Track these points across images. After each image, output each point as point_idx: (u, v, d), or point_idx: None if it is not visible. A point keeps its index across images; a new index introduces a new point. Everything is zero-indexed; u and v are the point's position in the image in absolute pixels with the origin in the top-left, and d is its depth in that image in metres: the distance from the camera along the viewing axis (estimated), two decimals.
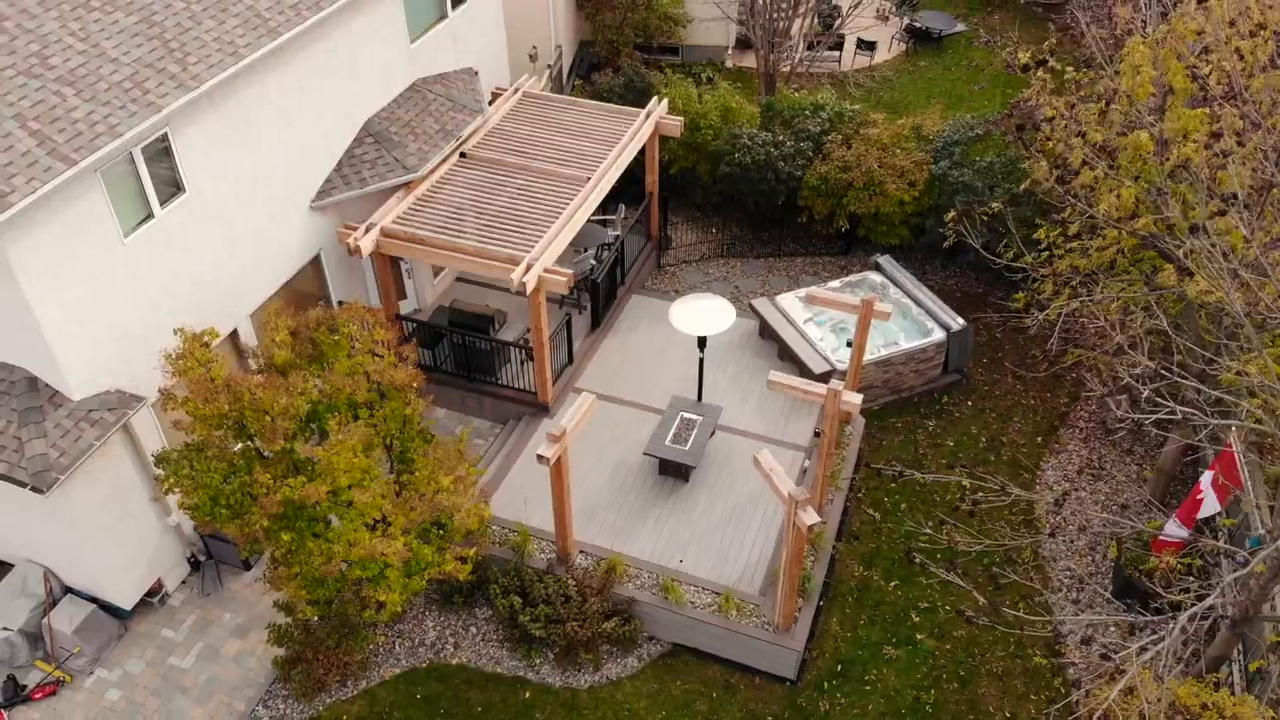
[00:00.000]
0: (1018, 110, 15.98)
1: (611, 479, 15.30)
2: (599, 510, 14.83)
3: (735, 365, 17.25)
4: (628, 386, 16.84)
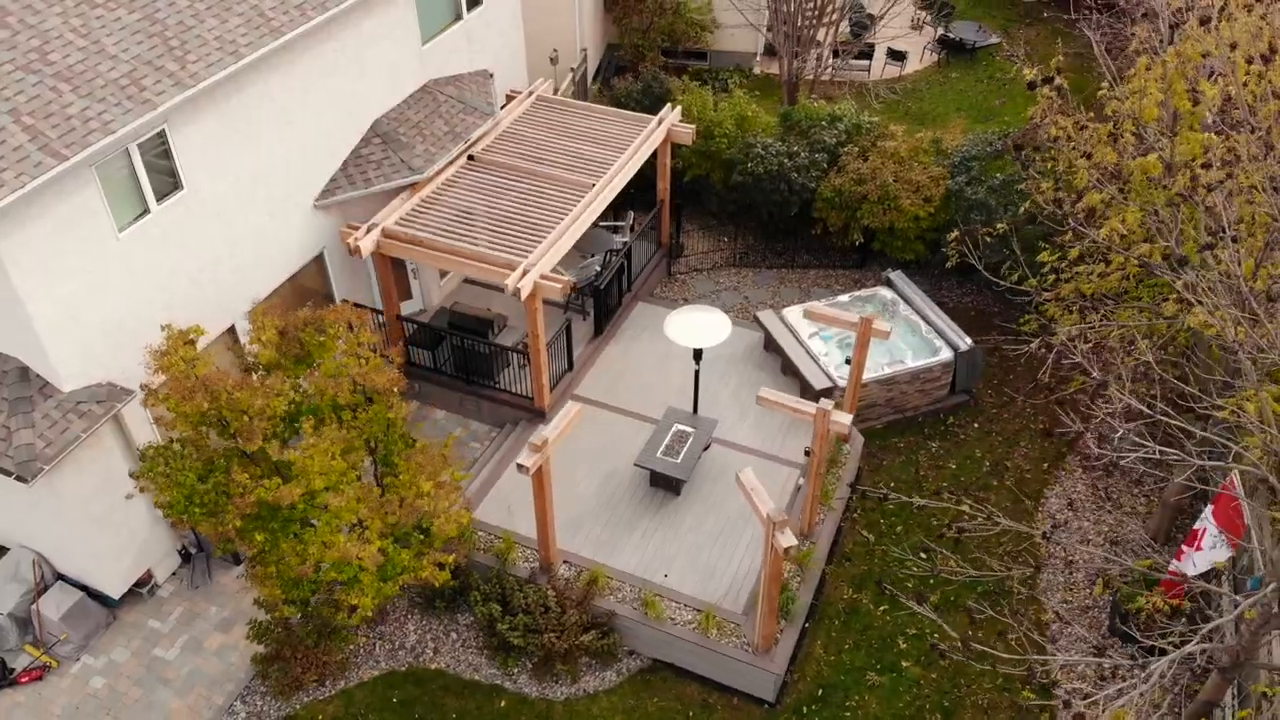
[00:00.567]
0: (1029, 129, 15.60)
1: (602, 489, 15.19)
2: (586, 520, 14.73)
3: (737, 378, 17.05)
4: (626, 395, 16.71)
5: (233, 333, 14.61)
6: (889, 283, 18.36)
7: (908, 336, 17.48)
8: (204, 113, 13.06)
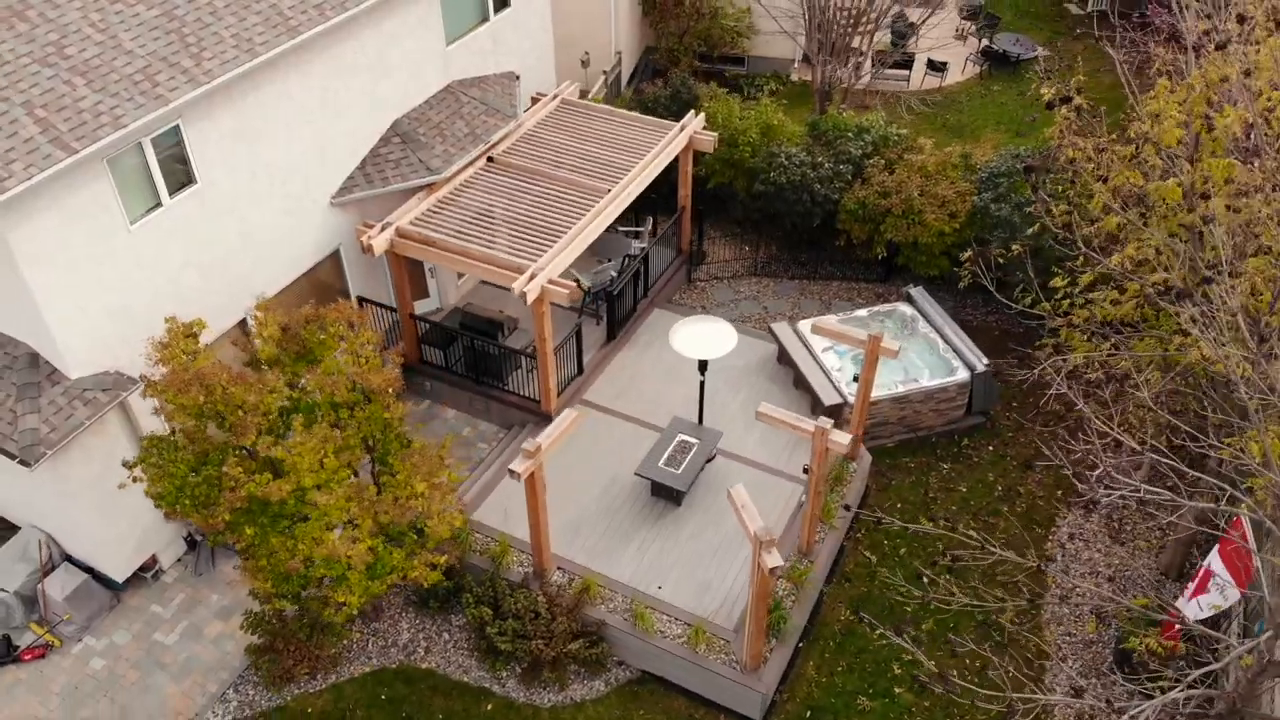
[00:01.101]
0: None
1: (602, 496, 15.13)
2: (585, 526, 14.68)
3: (748, 390, 16.88)
4: (635, 402, 16.63)
5: (243, 326, 14.80)
6: (909, 298, 18.05)
7: (925, 354, 17.18)
8: (219, 109, 13.24)
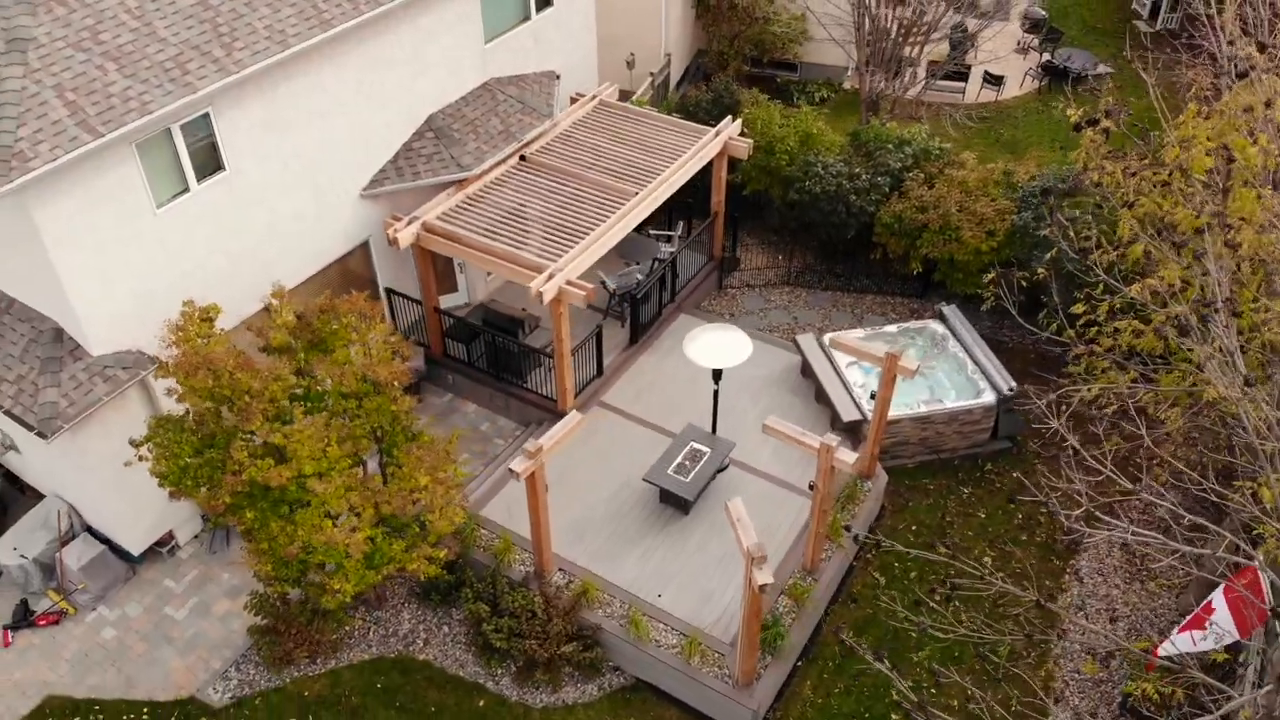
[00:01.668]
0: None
1: (611, 499, 15.07)
2: (590, 530, 14.64)
3: (768, 400, 16.67)
4: (653, 407, 16.55)
5: (268, 312, 15.04)
6: (941, 316, 17.66)
7: (953, 375, 16.80)
8: (250, 98, 13.48)
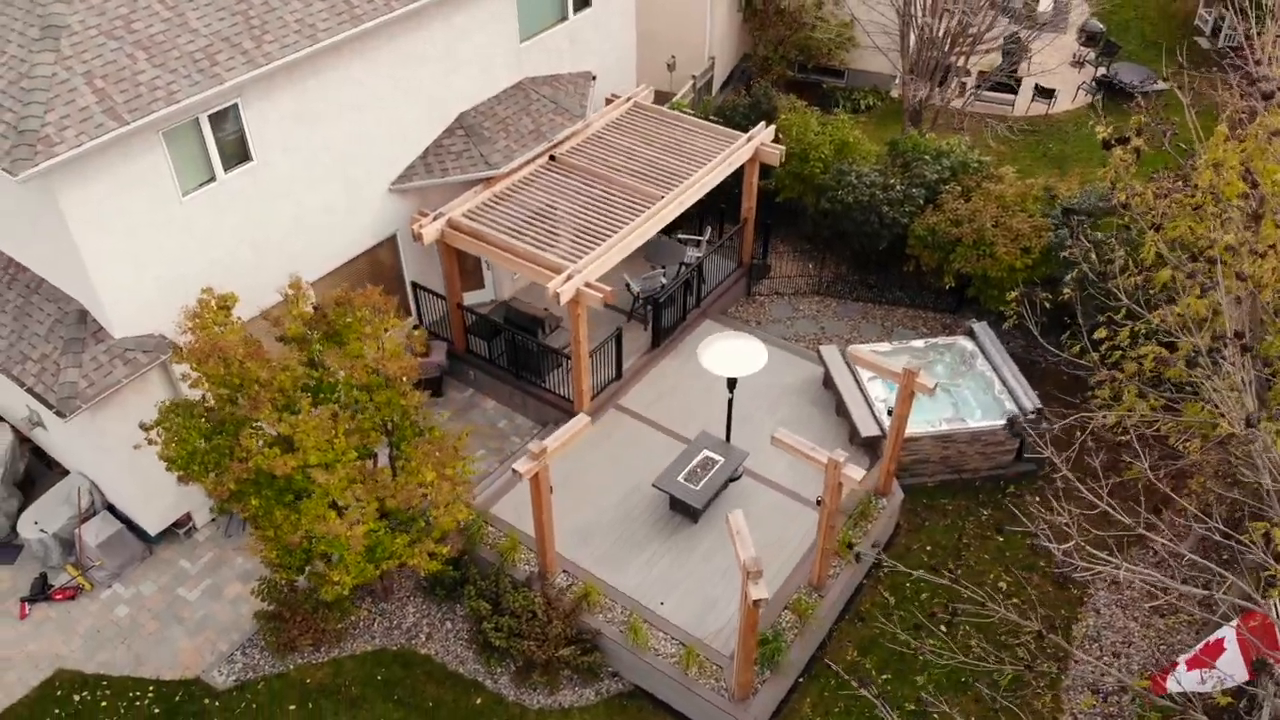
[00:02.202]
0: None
1: (622, 503, 14.99)
2: (598, 532, 14.58)
3: (787, 410, 16.46)
4: (670, 413, 16.43)
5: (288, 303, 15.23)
6: (971, 333, 17.29)
7: (979, 393, 16.44)
8: (280, 90, 13.64)
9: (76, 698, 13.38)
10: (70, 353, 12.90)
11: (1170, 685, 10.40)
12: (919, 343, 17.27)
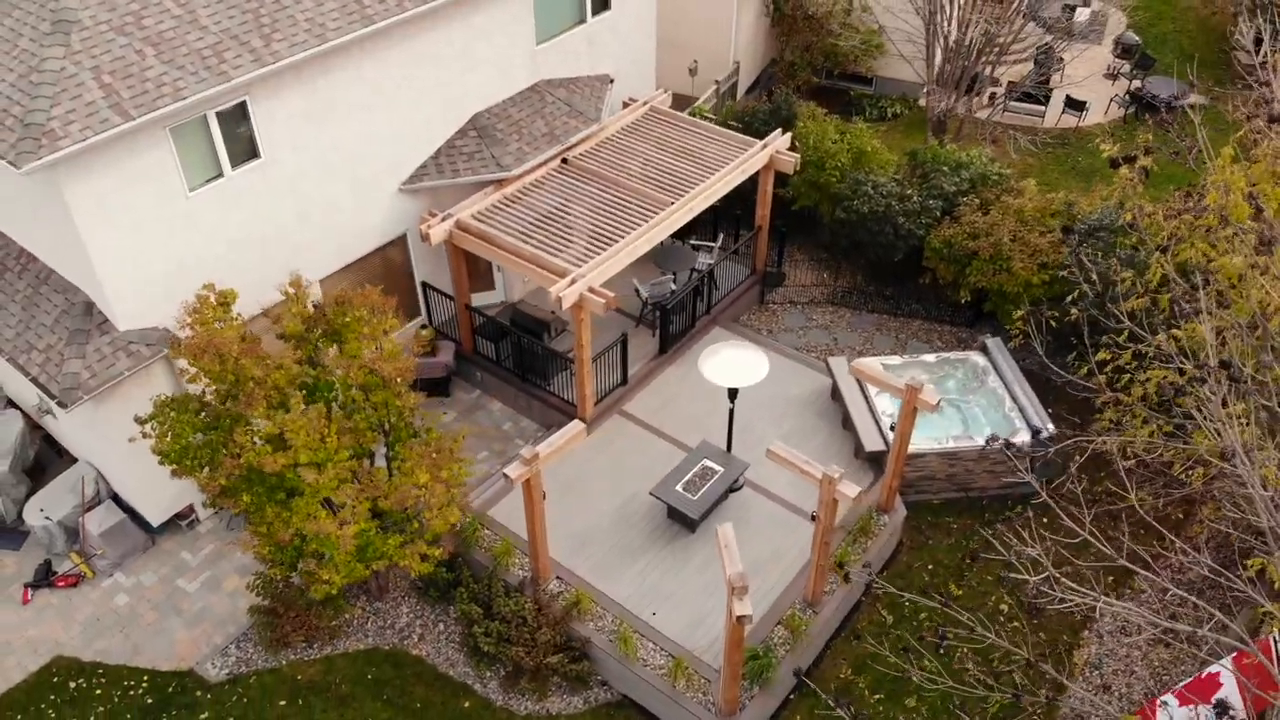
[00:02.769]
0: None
1: (619, 510, 14.90)
2: (594, 539, 14.50)
3: (793, 422, 16.28)
4: (674, 420, 16.31)
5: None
6: (984, 348, 16.99)
7: (989, 410, 16.14)
8: (289, 89, 13.71)
9: (73, 684, 13.54)
10: (75, 344, 13.06)
11: (1160, 719, 10.12)
12: (930, 357, 17.00)
